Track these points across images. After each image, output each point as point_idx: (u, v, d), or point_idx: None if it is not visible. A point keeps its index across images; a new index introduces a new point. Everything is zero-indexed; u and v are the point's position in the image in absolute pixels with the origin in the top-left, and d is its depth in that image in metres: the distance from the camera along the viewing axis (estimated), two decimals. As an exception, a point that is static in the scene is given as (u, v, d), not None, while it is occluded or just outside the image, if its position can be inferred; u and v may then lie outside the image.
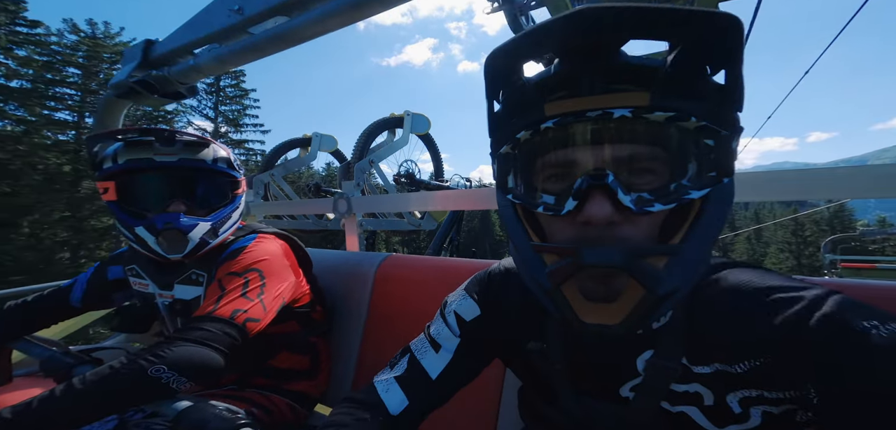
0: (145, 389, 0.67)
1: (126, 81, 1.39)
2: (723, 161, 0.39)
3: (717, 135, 0.39)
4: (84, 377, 0.65)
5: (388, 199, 2.12)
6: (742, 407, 0.42)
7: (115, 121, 1.63)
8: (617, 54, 0.39)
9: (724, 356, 0.42)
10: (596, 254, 0.38)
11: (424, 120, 3.15)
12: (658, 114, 0.37)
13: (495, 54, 0.43)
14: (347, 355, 1.20)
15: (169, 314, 1.02)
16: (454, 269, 1.11)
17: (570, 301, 0.41)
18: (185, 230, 0.89)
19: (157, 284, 1.00)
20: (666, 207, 0.38)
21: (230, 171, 0.97)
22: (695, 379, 0.44)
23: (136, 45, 1.41)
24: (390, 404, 0.54)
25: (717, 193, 0.39)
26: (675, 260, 0.38)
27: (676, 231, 0.40)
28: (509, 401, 0.91)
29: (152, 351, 0.70)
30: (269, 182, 3.39)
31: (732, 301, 0.43)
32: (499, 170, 0.48)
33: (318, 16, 1.03)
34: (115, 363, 0.68)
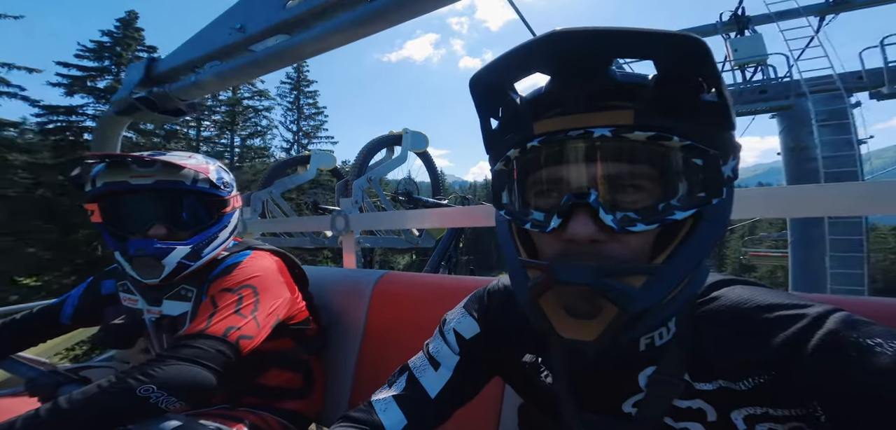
0: (133, 409, 0.65)
1: (127, 97, 1.40)
2: (711, 181, 0.39)
3: (705, 154, 0.39)
4: (70, 397, 0.63)
5: (386, 216, 2.12)
6: (747, 424, 0.41)
7: (115, 138, 1.63)
8: (604, 72, 0.39)
9: (727, 373, 0.42)
10: (567, 271, 0.39)
11: (423, 138, 3.19)
12: (639, 133, 0.37)
13: (479, 76, 0.44)
14: (343, 374, 1.17)
15: (155, 330, 0.99)
16: (452, 286, 1.10)
17: (548, 315, 0.41)
18: (158, 256, 0.87)
19: (146, 299, 0.98)
20: (648, 228, 0.38)
21: (213, 190, 0.94)
22: (697, 396, 0.43)
23: (139, 63, 1.43)
24: (388, 423, 0.53)
25: (708, 211, 0.39)
26: (653, 280, 0.38)
27: (665, 250, 0.40)
28: (509, 418, 0.89)
29: (142, 370, 0.68)
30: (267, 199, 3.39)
31: (734, 318, 0.43)
32: (494, 185, 0.49)
33: (319, 34, 1.05)
34: (103, 381, 0.66)
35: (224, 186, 0.97)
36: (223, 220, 0.97)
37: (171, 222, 0.90)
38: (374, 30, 1.03)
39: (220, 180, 0.96)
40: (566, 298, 0.40)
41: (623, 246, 0.39)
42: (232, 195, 1.00)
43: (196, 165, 0.92)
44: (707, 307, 0.45)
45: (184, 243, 0.89)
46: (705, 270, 0.44)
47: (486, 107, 0.47)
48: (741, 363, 0.41)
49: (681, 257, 0.39)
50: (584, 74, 0.39)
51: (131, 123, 1.65)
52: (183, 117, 1.55)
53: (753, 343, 0.40)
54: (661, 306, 0.39)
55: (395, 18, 1.00)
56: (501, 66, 0.41)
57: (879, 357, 0.33)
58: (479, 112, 0.47)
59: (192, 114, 1.54)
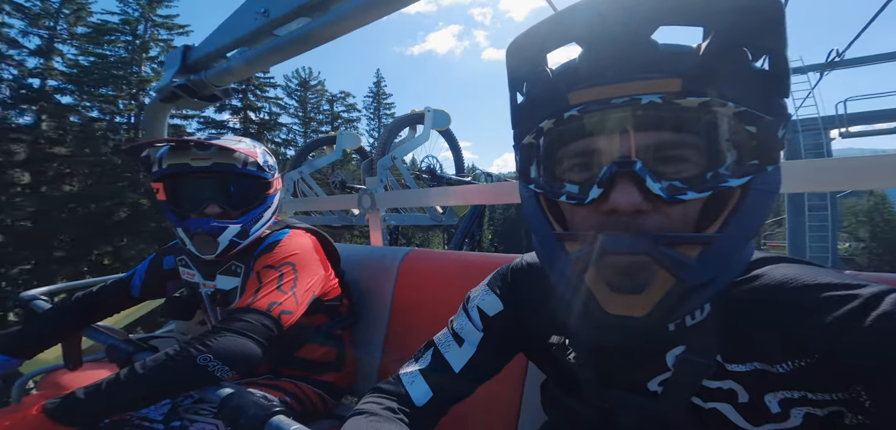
0: (196, 376, 0.72)
1: (168, 85, 1.47)
2: (766, 148, 0.37)
3: (760, 121, 0.36)
4: (144, 363, 0.71)
5: (411, 194, 2.14)
6: (782, 408, 0.40)
7: (161, 123, 1.73)
8: (646, 42, 0.38)
9: (764, 355, 0.40)
10: (618, 241, 0.37)
11: (445, 116, 3.15)
12: (691, 99, 0.35)
13: (517, 44, 0.42)
14: (373, 347, 1.23)
15: (210, 303, 1.08)
16: (476, 263, 1.12)
17: (592, 291, 0.41)
18: (214, 234, 0.94)
19: (202, 274, 1.07)
20: (700, 196, 0.36)
21: (260, 173, 1.01)
22: (729, 376, 0.42)
23: (176, 51, 1.49)
24: (415, 395, 0.56)
25: (759, 181, 0.37)
26: (710, 250, 0.37)
27: (713, 222, 0.38)
28: (532, 393, 0.91)
29: (201, 340, 0.75)
30: (298, 179, 3.52)
31: (777, 297, 0.40)
32: (521, 160, 0.48)
33: (337, 16, 1.05)
34: (170, 350, 0.74)
35: (269, 168, 1.03)
36: (267, 200, 1.03)
37: (225, 201, 0.97)
38: (391, 9, 1.02)
39: (266, 163, 1.02)
40: (611, 272, 0.39)
41: (667, 218, 0.38)
42: (275, 177, 1.05)
43: (246, 148, 0.98)
44: (747, 286, 0.43)
45: (235, 222, 0.96)
46: (752, 246, 0.42)
47: (518, 79, 0.46)
48: (781, 345, 0.39)
49: (733, 229, 0.37)
50: (625, 43, 0.37)
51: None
52: (217, 103, 1.62)
53: (798, 324, 0.38)
54: (717, 279, 0.38)
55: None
56: (539, 33, 0.40)
57: None
58: (510, 84, 0.46)
59: (226, 98, 1.61)
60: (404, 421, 0.53)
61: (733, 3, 0.33)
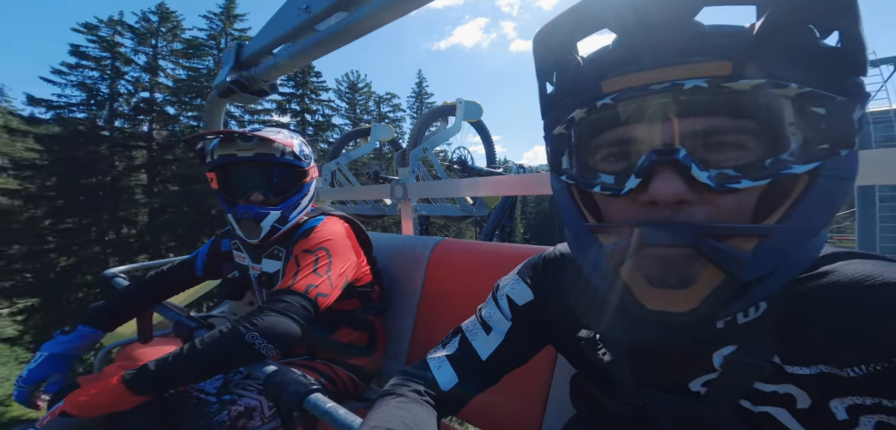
0: (245, 353, 0.78)
1: (225, 81, 1.59)
2: (838, 131, 0.33)
3: (830, 102, 0.33)
4: (202, 339, 0.78)
5: (442, 184, 2.16)
6: (850, 414, 0.37)
7: (218, 117, 1.87)
8: (688, 25, 0.35)
9: (832, 358, 0.37)
10: (660, 232, 0.35)
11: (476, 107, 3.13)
12: (744, 82, 0.33)
13: (544, 33, 0.41)
14: (401, 334, 1.26)
15: (257, 285, 1.16)
16: (506, 254, 1.11)
17: (629, 286, 0.39)
18: (258, 219, 1.01)
19: (251, 257, 1.15)
20: (756, 184, 0.33)
21: (297, 162, 1.06)
22: (788, 380, 0.39)
23: (231, 49, 1.60)
24: (441, 380, 0.57)
25: (830, 167, 0.34)
26: (767, 243, 0.34)
27: (774, 212, 0.35)
28: (560, 386, 0.90)
29: (249, 319, 0.81)
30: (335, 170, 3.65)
31: (852, 296, 0.37)
32: (552, 151, 0.47)
33: (375, 8, 1.08)
34: (223, 328, 0.81)
35: (304, 157, 1.08)
36: (304, 188, 1.08)
37: (266, 189, 1.04)
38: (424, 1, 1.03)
39: (302, 153, 1.08)
40: (652, 265, 0.37)
41: (718, 208, 0.35)
42: (311, 166, 1.11)
43: (284, 139, 1.04)
44: (815, 283, 0.39)
45: (276, 208, 1.02)
46: (822, 239, 0.38)
47: (546, 69, 0.44)
48: (853, 347, 0.36)
49: (798, 219, 0.34)
50: (666, 27, 0.35)
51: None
52: (265, 97, 1.72)
53: (874, 325, 0.35)
54: (776, 275, 0.35)
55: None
56: (569, 20, 0.39)
57: None
58: (538, 74, 0.45)
59: (273, 93, 1.70)
60: (430, 404, 0.54)
61: None
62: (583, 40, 0.41)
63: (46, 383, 1.02)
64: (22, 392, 1.00)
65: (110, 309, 1.12)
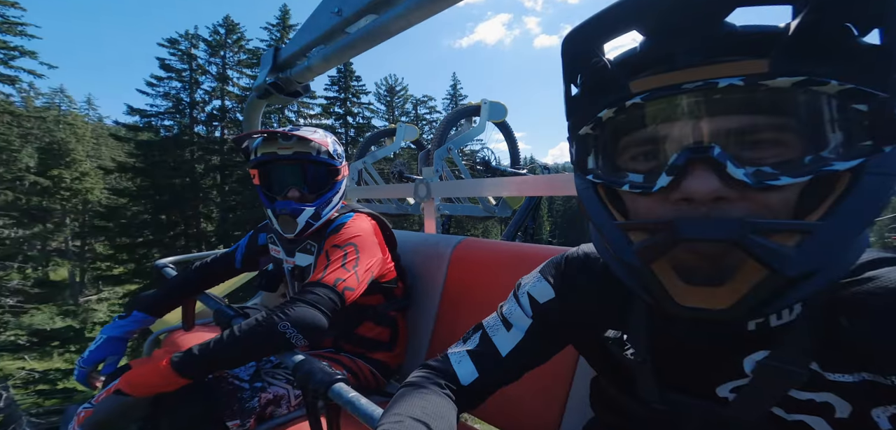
0: (277, 341, 0.83)
1: (263, 83, 1.67)
2: (882, 127, 0.33)
3: (872, 98, 0.32)
4: (240, 326, 0.84)
5: (466, 184, 2.17)
6: (893, 424, 0.36)
7: (257, 118, 1.97)
8: (720, 24, 0.35)
9: (877, 366, 0.36)
10: (697, 227, 0.34)
11: (501, 108, 3.11)
12: (782, 79, 0.32)
13: (574, 35, 0.42)
14: (423, 331, 1.28)
15: (290, 278, 1.22)
16: (527, 254, 1.11)
17: (662, 281, 0.38)
18: (294, 215, 1.06)
19: (285, 251, 1.21)
20: (796, 181, 0.33)
21: (331, 161, 1.11)
22: (828, 388, 0.38)
23: (269, 52, 1.68)
24: (461, 374, 0.58)
25: (874, 164, 0.33)
26: (811, 240, 0.33)
27: (815, 210, 0.35)
28: (580, 388, 0.89)
29: (281, 309, 0.86)
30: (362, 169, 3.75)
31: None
32: (577, 151, 0.47)
33: (404, 10, 1.10)
34: (258, 316, 0.86)
35: (337, 156, 1.13)
36: (336, 186, 1.13)
37: (303, 186, 1.09)
38: (452, 1, 1.04)
39: (335, 152, 1.13)
40: (686, 261, 0.36)
41: (755, 205, 0.34)
42: (342, 165, 1.15)
43: (320, 139, 1.09)
44: (859, 288, 0.38)
45: (311, 205, 1.08)
46: (865, 240, 0.37)
47: (573, 70, 0.45)
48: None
49: (842, 217, 0.33)
50: (697, 27, 0.35)
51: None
52: (300, 98, 1.80)
53: None
54: (820, 274, 0.34)
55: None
56: (599, 21, 0.39)
57: None
58: (564, 76, 0.46)
59: (307, 94, 1.78)
60: (450, 398, 0.55)
61: None
62: (609, 42, 0.41)
63: (104, 364, 1.11)
64: (82, 372, 1.10)
65: (160, 297, 1.21)
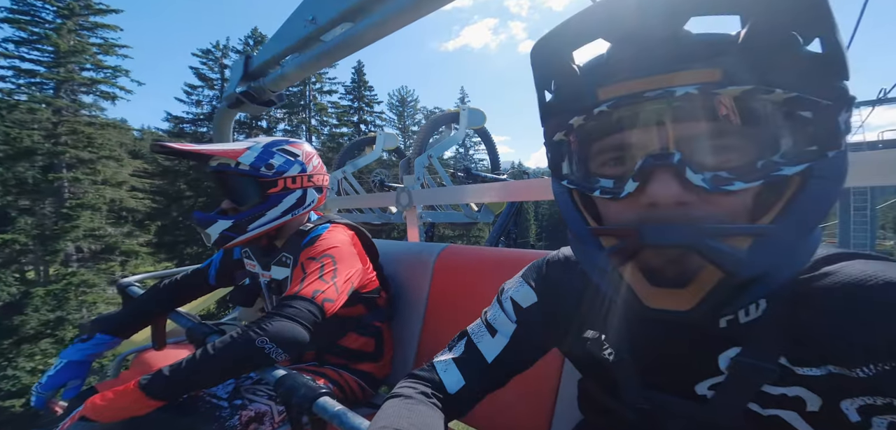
0: (256, 357, 0.80)
1: (234, 92, 1.62)
2: (825, 134, 0.35)
3: (816, 106, 0.34)
4: (214, 344, 0.80)
5: (447, 191, 2.17)
6: (862, 415, 0.37)
7: (228, 128, 1.91)
8: (678, 33, 0.37)
9: (841, 359, 0.37)
10: (659, 233, 0.36)
11: (480, 114, 3.15)
12: (732, 88, 0.34)
13: (541, 44, 0.43)
14: (409, 340, 1.27)
15: (267, 292, 1.18)
16: (511, 259, 1.12)
17: (631, 285, 0.40)
18: (202, 224, 1.03)
19: (260, 264, 1.17)
20: (749, 186, 0.35)
21: (252, 173, 1.03)
22: (798, 382, 0.40)
23: (239, 60, 1.63)
24: (448, 383, 0.57)
25: (819, 168, 0.35)
26: (763, 242, 0.35)
27: (768, 212, 0.36)
28: (567, 391, 0.89)
29: (258, 324, 0.82)
30: (341, 178, 3.69)
31: (857, 296, 0.37)
32: (552, 157, 0.48)
33: (380, 18, 1.10)
34: (234, 333, 0.82)
35: (267, 168, 1.05)
36: (270, 199, 1.05)
37: (232, 198, 1.06)
38: (432, 9, 1.05)
39: (263, 164, 1.04)
40: (652, 264, 0.38)
41: (716, 208, 0.36)
42: (286, 176, 1.07)
43: (235, 149, 1.03)
44: (817, 283, 0.40)
45: (225, 218, 1.03)
46: (817, 238, 0.39)
47: (544, 78, 0.46)
48: (863, 348, 0.36)
49: (791, 219, 0.35)
50: (658, 36, 0.37)
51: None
52: (273, 107, 1.75)
53: (882, 324, 0.35)
54: (772, 274, 0.36)
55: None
56: (565, 31, 0.40)
57: None
58: (536, 84, 0.47)
59: (280, 103, 1.73)
60: (437, 406, 0.55)
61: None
62: (579, 50, 0.42)
63: (65, 389, 1.04)
64: (40, 399, 1.03)
65: (126, 316, 1.14)
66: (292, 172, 1.10)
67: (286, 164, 1.09)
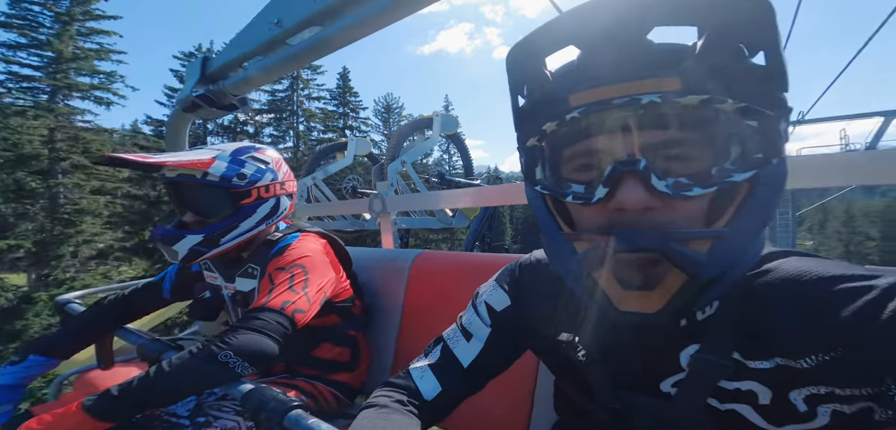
0: (217, 373, 0.75)
1: (190, 95, 1.53)
2: (769, 142, 0.38)
3: (761, 115, 0.37)
4: (170, 361, 0.74)
5: (421, 197, 2.16)
6: (808, 405, 0.39)
7: (183, 133, 1.79)
8: (643, 42, 0.38)
9: (786, 351, 0.40)
10: (628, 238, 0.37)
11: (453, 120, 3.17)
12: (691, 97, 0.36)
13: (515, 50, 0.43)
14: (385, 349, 1.25)
15: (232, 305, 1.12)
16: (486, 264, 1.12)
17: (604, 289, 0.41)
18: (168, 241, 0.96)
19: (223, 276, 1.11)
20: (706, 191, 0.37)
21: (224, 183, 0.97)
22: (750, 376, 0.42)
23: (196, 62, 1.55)
24: (424, 390, 0.57)
25: (765, 174, 0.38)
26: (720, 244, 0.37)
27: (722, 216, 0.39)
28: (544, 392, 0.91)
29: (221, 338, 0.78)
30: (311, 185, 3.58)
31: (794, 291, 0.40)
32: (526, 162, 0.49)
33: (351, 23, 1.08)
34: (193, 348, 0.77)
35: (239, 178, 0.99)
36: (243, 210, 1.00)
37: (197, 211, 1.00)
38: (403, 15, 1.04)
39: (235, 174, 0.99)
40: (622, 269, 0.39)
41: (677, 213, 0.38)
42: (259, 185, 1.03)
43: (198, 160, 0.95)
44: (761, 280, 0.43)
45: (195, 232, 0.97)
46: (762, 239, 0.41)
47: (518, 83, 0.46)
48: (803, 340, 0.39)
49: (743, 222, 0.38)
50: (624, 44, 0.38)
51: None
52: (236, 111, 1.67)
53: (817, 318, 0.38)
54: (729, 274, 0.38)
55: (422, 3, 1.00)
56: (538, 38, 0.41)
57: None
58: (510, 89, 0.47)
59: (243, 107, 1.65)
60: (414, 414, 0.54)
61: (722, 2, 0.34)
62: (552, 56, 0.44)
63: None
64: None
65: (66, 335, 1.05)
66: (265, 181, 1.05)
67: (259, 172, 1.04)
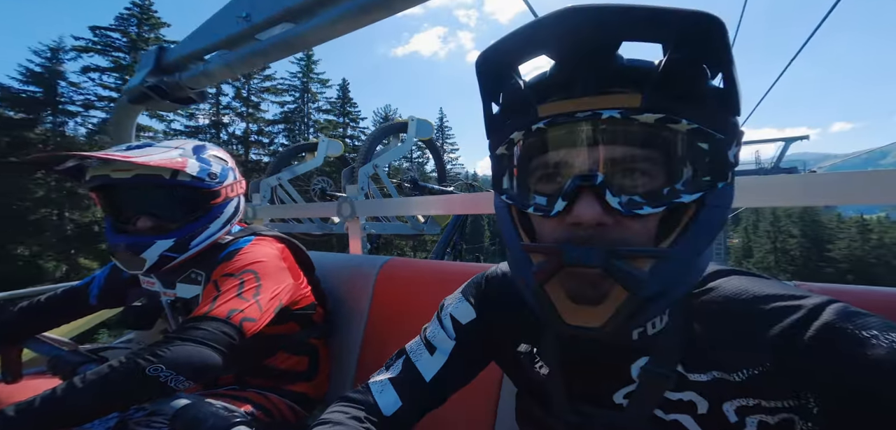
0: (143, 388, 0.68)
1: (139, 86, 1.42)
2: (717, 166, 0.39)
3: (711, 138, 0.38)
4: (84, 376, 0.66)
5: (391, 202, 2.13)
6: (738, 416, 0.41)
7: (129, 126, 1.66)
8: (611, 57, 0.39)
9: (722, 365, 0.42)
10: (576, 253, 0.38)
11: (428, 125, 3.17)
12: (648, 115, 0.37)
13: (486, 55, 0.43)
14: (348, 357, 1.20)
15: (171, 312, 1.04)
16: (455, 273, 1.12)
17: (554, 302, 0.41)
18: (135, 249, 0.89)
19: (162, 283, 1.02)
20: (655, 211, 0.38)
21: (197, 183, 0.93)
22: (690, 387, 0.44)
23: (150, 51, 1.45)
24: (383, 404, 0.55)
25: (711, 197, 0.39)
26: (662, 264, 0.38)
27: (669, 235, 0.40)
28: (507, 405, 0.91)
29: (151, 350, 0.71)
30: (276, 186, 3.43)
31: (730, 308, 0.43)
32: (495, 170, 0.49)
33: (324, 21, 1.05)
34: (115, 361, 0.69)
35: (210, 177, 0.95)
36: (213, 211, 0.97)
37: (157, 214, 0.92)
38: (379, 17, 1.03)
39: (206, 173, 0.95)
40: (572, 283, 0.40)
41: (628, 230, 0.39)
42: (225, 185, 0.99)
43: (173, 160, 0.90)
44: (704, 297, 0.45)
45: (165, 237, 0.90)
46: (707, 258, 0.43)
47: (490, 90, 0.46)
48: (737, 354, 0.41)
49: (686, 243, 0.39)
50: (591, 57, 0.39)
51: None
52: (193, 105, 1.58)
53: (749, 334, 0.40)
54: (669, 292, 0.39)
55: (400, 5, 1.00)
56: (508, 44, 0.41)
57: (874, 350, 0.33)
58: (482, 95, 0.47)
59: (201, 102, 1.56)
60: None
61: (678, 19, 0.35)
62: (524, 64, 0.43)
63: None
64: None
65: None
66: (230, 180, 1.00)
67: (224, 171, 0.99)
